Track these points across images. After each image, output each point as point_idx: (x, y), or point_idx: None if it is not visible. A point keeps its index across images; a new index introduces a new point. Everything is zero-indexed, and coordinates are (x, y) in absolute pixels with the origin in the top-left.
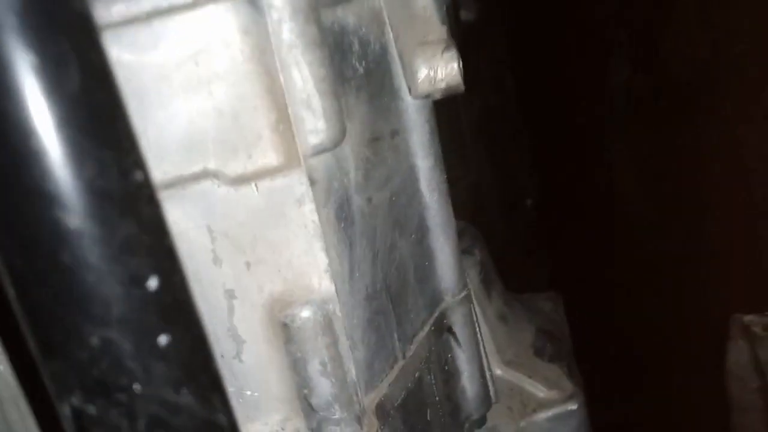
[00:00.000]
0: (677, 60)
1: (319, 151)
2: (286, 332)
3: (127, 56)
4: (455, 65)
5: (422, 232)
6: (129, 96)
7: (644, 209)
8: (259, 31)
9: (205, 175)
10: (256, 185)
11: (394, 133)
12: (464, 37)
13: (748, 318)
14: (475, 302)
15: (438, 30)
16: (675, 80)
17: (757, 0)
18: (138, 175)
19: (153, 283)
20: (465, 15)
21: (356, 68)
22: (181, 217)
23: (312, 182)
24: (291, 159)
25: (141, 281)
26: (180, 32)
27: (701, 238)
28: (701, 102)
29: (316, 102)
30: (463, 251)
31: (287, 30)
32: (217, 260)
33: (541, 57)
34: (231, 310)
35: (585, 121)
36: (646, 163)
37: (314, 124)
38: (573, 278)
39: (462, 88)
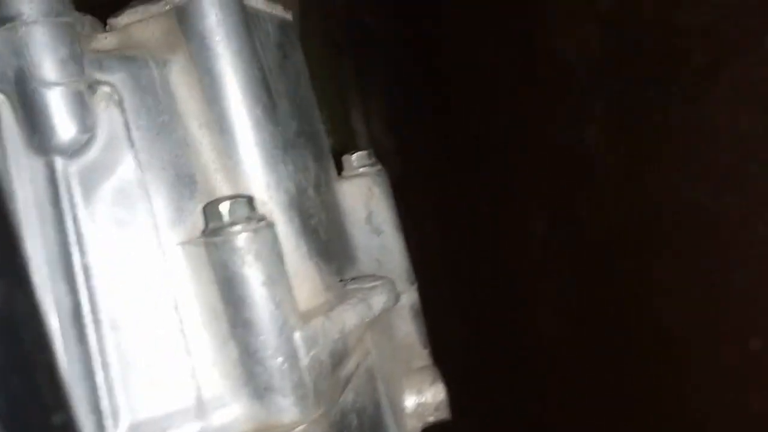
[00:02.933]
0: (594, 224)
1: None
2: None
3: None
4: (442, 397)
5: None
6: None
7: (567, 362)
8: None
9: None
10: None
11: None
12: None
13: None
14: None
15: (421, 355)
16: (593, 242)
17: (676, 183)
18: None
19: None
20: (389, 169)
21: None
22: None
23: None
24: None
25: None
26: None
27: (631, 398)
28: (620, 267)
29: None
30: None
31: None
32: None
33: (460, 210)
34: None
35: (506, 272)
36: (568, 316)
37: None
38: (498, 426)
39: (450, 418)
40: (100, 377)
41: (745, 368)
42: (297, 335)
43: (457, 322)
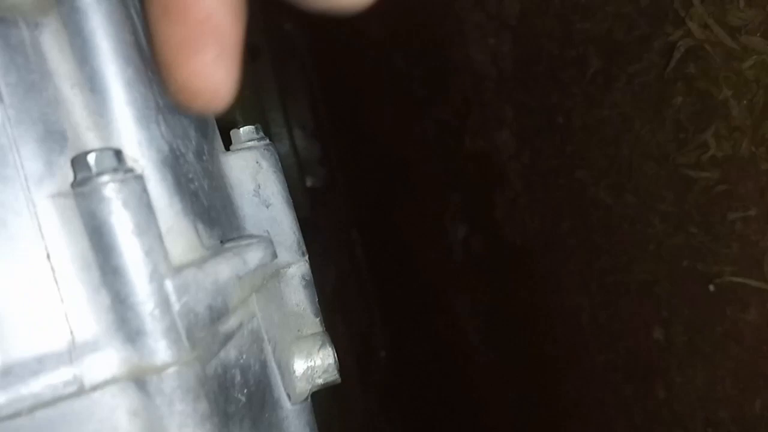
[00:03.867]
0: (509, 225)
1: None
2: None
3: None
4: (331, 361)
5: None
6: None
7: (488, 360)
8: (148, 413)
9: None
10: None
11: None
12: (311, 203)
13: None
14: None
15: (312, 322)
16: (508, 242)
17: (580, 182)
18: None
19: None
20: (311, 182)
21: (239, 400)
22: None
23: None
24: None
25: None
26: (65, 421)
27: (544, 391)
28: (534, 267)
29: None
30: None
31: (177, 412)
32: None
33: (383, 217)
34: None
35: (428, 276)
36: (486, 315)
37: None
38: (421, 427)
39: (339, 381)
40: None
41: (648, 357)
42: (168, 282)
43: (381, 326)
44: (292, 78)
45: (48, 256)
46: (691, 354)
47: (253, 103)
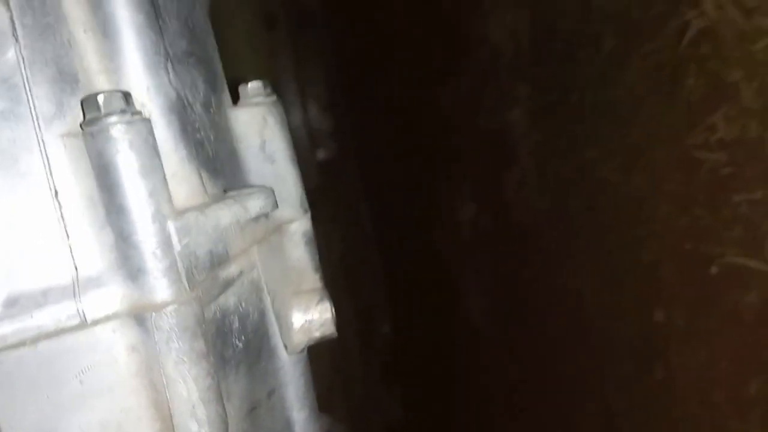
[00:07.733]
0: (518, 205)
1: None
2: None
3: (11, 381)
4: (329, 315)
5: None
6: (10, 414)
7: (492, 338)
8: (146, 348)
9: None
10: None
11: (271, 393)
12: (322, 175)
13: None
14: None
15: (312, 279)
16: (516, 222)
17: (589, 162)
18: None
19: None
20: (321, 154)
21: (236, 345)
22: None
23: None
24: None
25: None
26: (66, 353)
27: (546, 369)
28: (541, 246)
29: (201, 411)
30: None
31: (174, 348)
32: None
33: (392, 193)
34: None
35: (434, 252)
36: (490, 293)
37: None
38: (423, 401)
39: (336, 335)
40: None
41: (649, 338)
42: (170, 224)
43: (386, 301)
44: (307, 48)
45: (56, 194)
46: (691, 336)
47: (267, 73)
